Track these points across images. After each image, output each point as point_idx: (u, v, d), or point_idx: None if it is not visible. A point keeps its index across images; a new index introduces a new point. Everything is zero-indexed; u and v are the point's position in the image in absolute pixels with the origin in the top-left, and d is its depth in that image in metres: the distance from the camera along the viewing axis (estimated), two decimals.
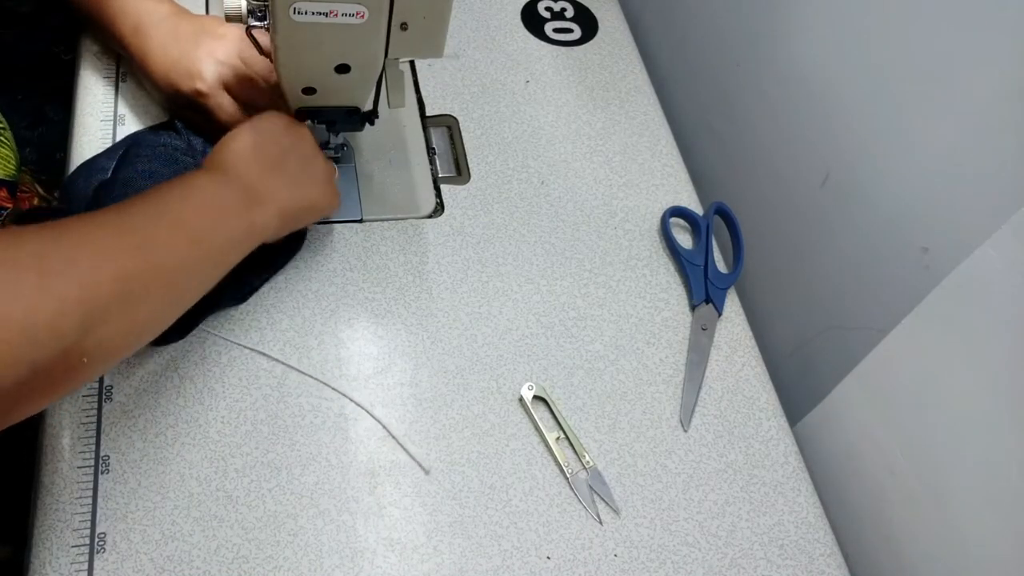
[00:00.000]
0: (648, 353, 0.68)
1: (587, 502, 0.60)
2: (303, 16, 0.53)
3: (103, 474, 0.56)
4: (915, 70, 0.59)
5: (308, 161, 0.62)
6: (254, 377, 0.62)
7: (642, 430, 0.64)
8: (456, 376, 0.64)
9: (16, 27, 0.77)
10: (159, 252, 0.50)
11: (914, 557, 0.60)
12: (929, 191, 0.59)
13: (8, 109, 0.68)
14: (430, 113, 0.80)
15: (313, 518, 0.57)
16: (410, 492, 0.59)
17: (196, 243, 0.53)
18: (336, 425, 0.60)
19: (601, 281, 0.71)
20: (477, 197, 0.75)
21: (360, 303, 0.67)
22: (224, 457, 0.58)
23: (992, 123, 0.53)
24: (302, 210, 0.62)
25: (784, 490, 0.63)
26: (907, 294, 0.58)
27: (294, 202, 0.61)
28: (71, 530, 0.54)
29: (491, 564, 0.57)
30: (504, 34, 0.87)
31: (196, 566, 0.54)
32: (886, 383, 0.61)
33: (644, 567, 0.59)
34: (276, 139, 0.61)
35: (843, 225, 0.68)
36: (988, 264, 0.51)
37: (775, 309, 0.77)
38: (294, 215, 0.62)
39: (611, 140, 0.81)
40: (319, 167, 0.63)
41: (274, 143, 0.60)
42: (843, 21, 0.66)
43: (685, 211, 0.76)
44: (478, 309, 0.68)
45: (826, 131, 0.69)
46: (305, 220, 0.64)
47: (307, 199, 0.62)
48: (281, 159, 0.60)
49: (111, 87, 0.73)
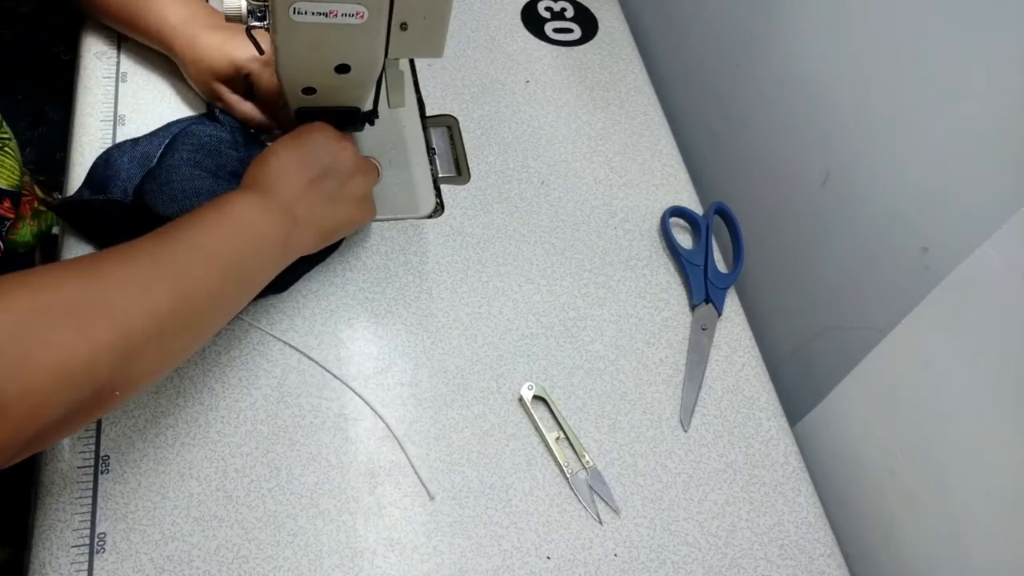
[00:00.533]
0: (648, 353, 0.68)
1: (587, 502, 0.60)
2: (303, 16, 0.53)
3: (103, 474, 0.56)
4: (915, 70, 0.59)
5: (347, 178, 0.63)
6: (254, 377, 0.62)
7: (642, 430, 0.64)
8: (456, 376, 0.64)
9: (16, 27, 0.77)
10: (193, 288, 0.51)
11: (914, 557, 0.60)
12: (929, 191, 0.59)
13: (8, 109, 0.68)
14: (430, 113, 0.80)
15: (313, 518, 0.57)
16: (410, 492, 0.59)
17: (230, 275, 0.54)
18: (336, 425, 0.61)
19: (601, 281, 0.71)
20: (477, 197, 0.75)
21: (360, 303, 0.67)
22: (224, 457, 0.58)
23: (992, 123, 0.53)
24: (339, 227, 0.64)
25: (784, 490, 0.63)
26: (907, 294, 0.58)
27: (331, 220, 0.62)
28: (71, 530, 0.54)
29: (491, 564, 0.57)
30: (504, 34, 0.87)
31: (196, 566, 0.54)
32: (886, 383, 0.61)
33: (644, 567, 0.59)
34: (316, 156, 0.61)
35: (843, 225, 0.68)
36: (988, 264, 0.51)
37: (775, 309, 0.77)
38: (331, 232, 0.63)
39: (611, 140, 0.81)
40: (357, 183, 0.64)
41: (314, 161, 0.61)
42: (843, 21, 0.66)
43: (685, 211, 0.76)
44: (478, 309, 0.68)
45: (826, 131, 0.69)
46: (342, 235, 0.66)
47: (344, 216, 0.63)
48: (320, 177, 0.61)
49: (111, 87, 0.73)
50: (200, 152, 0.64)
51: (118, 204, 0.63)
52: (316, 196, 0.60)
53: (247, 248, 0.55)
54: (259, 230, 0.56)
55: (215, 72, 0.68)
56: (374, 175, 0.66)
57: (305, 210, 0.59)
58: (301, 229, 0.59)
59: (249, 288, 0.57)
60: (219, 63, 0.68)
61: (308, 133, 0.62)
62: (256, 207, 0.57)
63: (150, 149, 0.66)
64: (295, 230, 0.58)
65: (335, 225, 0.63)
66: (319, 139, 0.62)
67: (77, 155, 0.69)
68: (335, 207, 0.62)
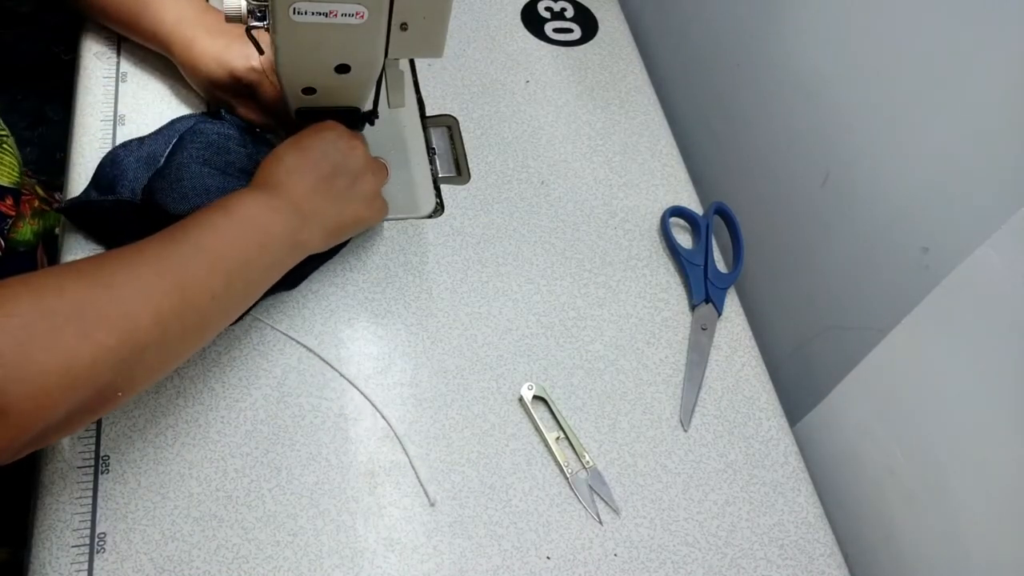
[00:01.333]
0: (648, 353, 0.68)
1: (587, 502, 0.60)
2: (303, 16, 0.53)
3: (103, 474, 0.56)
4: (915, 70, 0.59)
5: (357, 176, 0.63)
6: (254, 377, 0.62)
7: (642, 430, 0.64)
8: (456, 376, 0.64)
9: (16, 27, 0.77)
10: (197, 290, 0.51)
11: (914, 557, 0.60)
12: (929, 191, 0.59)
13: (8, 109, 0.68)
14: (430, 113, 0.80)
15: (313, 518, 0.57)
16: (410, 492, 0.59)
17: (236, 276, 0.54)
18: (336, 425, 0.61)
19: (601, 281, 0.71)
20: (477, 197, 0.75)
21: (360, 303, 0.67)
22: (224, 457, 0.58)
23: (992, 123, 0.53)
24: (348, 226, 0.64)
25: (784, 490, 0.63)
26: (907, 294, 0.58)
27: (340, 219, 0.62)
28: (71, 530, 0.54)
29: (491, 564, 0.57)
30: (504, 34, 0.87)
31: (196, 566, 0.54)
32: (886, 383, 0.61)
33: (644, 567, 0.59)
34: (326, 154, 0.61)
35: (843, 225, 0.68)
36: (988, 264, 0.51)
37: (775, 309, 0.77)
38: (339, 231, 0.63)
39: (611, 140, 0.81)
40: (367, 182, 0.64)
41: (324, 159, 0.61)
42: (843, 21, 0.66)
43: (685, 211, 0.76)
44: (478, 309, 0.68)
45: (826, 131, 0.69)
46: (351, 234, 0.66)
47: (353, 215, 0.63)
48: (330, 175, 0.61)
49: (111, 87, 0.73)
50: (209, 150, 0.64)
51: (127, 204, 0.62)
52: (326, 194, 0.60)
53: (253, 248, 0.55)
54: (267, 229, 0.56)
55: (214, 81, 0.68)
56: (383, 174, 0.66)
57: (314, 208, 0.59)
58: (310, 227, 0.59)
59: (256, 287, 0.57)
60: (217, 73, 0.67)
61: (319, 132, 0.62)
62: (264, 206, 0.57)
63: (156, 148, 0.66)
64: (304, 228, 0.59)
65: (344, 223, 0.63)
66: (330, 138, 0.62)
67: (77, 155, 0.69)
68: (345, 206, 0.62)
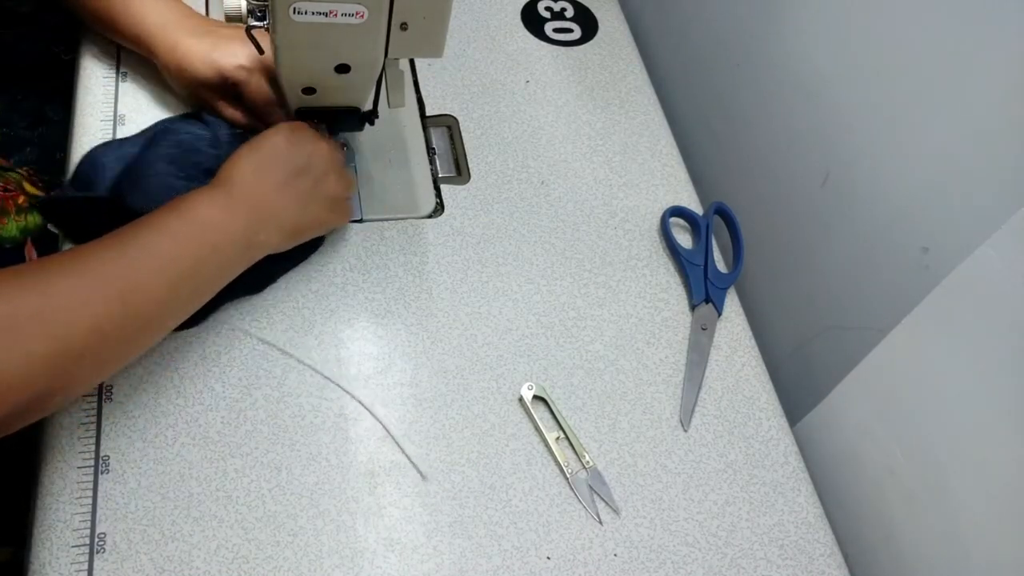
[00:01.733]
0: (648, 353, 0.68)
1: (587, 502, 0.60)
2: (303, 16, 0.53)
3: (103, 474, 0.56)
4: (914, 70, 0.59)
5: (321, 178, 0.62)
6: (254, 378, 0.62)
7: (642, 430, 0.64)
8: (456, 376, 0.64)
9: (16, 27, 0.77)
10: (140, 297, 0.51)
11: (914, 557, 0.60)
12: (929, 191, 0.59)
13: (8, 109, 0.68)
14: (430, 113, 0.80)
15: (313, 518, 0.57)
16: (410, 492, 0.59)
17: (183, 278, 0.54)
18: (336, 425, 0.61)
19: (601, 281, 0.71)
20: (477, 197, 0.75)
21: (360, 303, 0.67)
22: (224, 457, 0.58)
23: (992, 123, 0.53)
24: (307, 227, 0.63)
25: (784, 490, 0.63)
26: (907, 294, 0.58)
27: (299, 220, 0.61)
28: (71, 530, 0.54)
29: (491, 564, 0.57)
30: (504, 34, 0.87)
31: (196, 566, 0.54)
32: (886, 383, 0.61)
33: (644, 567, 0.59)
34: (290, 155, 0.60)
35: (843, 225, 0.68)
36: (988, 264, 0.51)
37: (775, 309, 0.77)
38: (299, 232, 0.63)
39: (611, 140, 0.81)
40: (331, 184, 0.63)
41: (287, 159, 0.60)
42: (843, 21, 0.66)
43: (685, 211, 0.76)
44: (478, 309, 0.68)
45: (826, 131, 0.69)
46: (310, 235, 0.65)
47: (314, 217, 0.63)
48: (293, 175, 0.60)
49: (111, 87, 0.73)
50: (178, 148, 0.64)
51: (101, 201, 0.62)
52: (286, 194, 0.60)
53: (206, 248, 0.55)
54: (219, 228, 0.56)
55: (201, 80, 0.67)
56: (348, 177, 0.66)
57: (273, 209, 0.59)
58: (267, 227, 0.58)
59: (208, 287, 0.57)
60: (205, 72, 0.67)
61: (283, 132, 0.61)
62: (218, 204, 0.56)
63: (135, 148, 0.65)
64: (261, 228, 0.58)
65: (304, 224, 0.62)
66: (294, 138, 0.61)
67: (77, 155, 0.69)
68: (306, 207, 0.61)
